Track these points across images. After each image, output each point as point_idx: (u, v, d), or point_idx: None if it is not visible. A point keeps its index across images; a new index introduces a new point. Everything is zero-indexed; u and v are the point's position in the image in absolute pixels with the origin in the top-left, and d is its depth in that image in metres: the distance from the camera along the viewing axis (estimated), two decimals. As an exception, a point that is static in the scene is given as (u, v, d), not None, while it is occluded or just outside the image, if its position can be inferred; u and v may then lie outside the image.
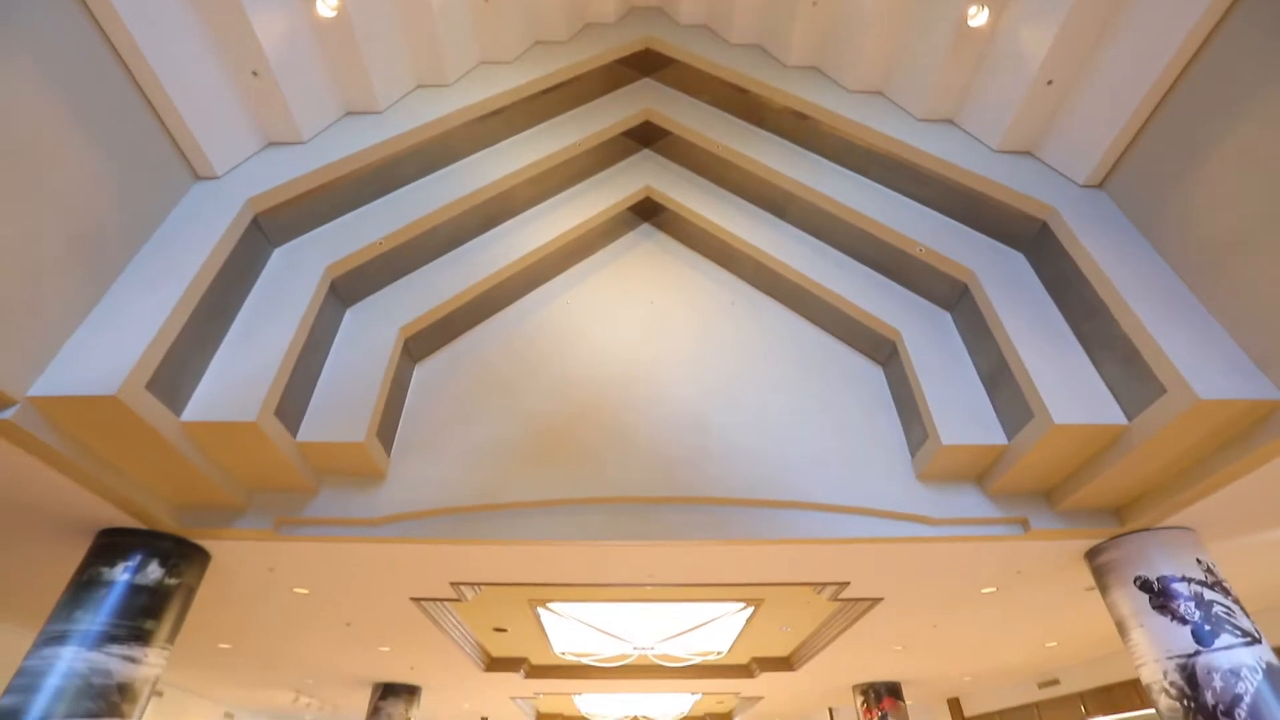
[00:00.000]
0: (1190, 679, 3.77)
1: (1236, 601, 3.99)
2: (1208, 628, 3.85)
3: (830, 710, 11.66)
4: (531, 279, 5.52)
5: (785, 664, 8.82)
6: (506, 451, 4.57)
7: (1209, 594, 3.99)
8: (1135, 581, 4.20)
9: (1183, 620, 3.92)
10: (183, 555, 4.32)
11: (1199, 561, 4.15)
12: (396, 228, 4.70)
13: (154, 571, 4.13)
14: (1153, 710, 5.10)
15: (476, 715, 12.41)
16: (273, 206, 4.28)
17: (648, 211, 6.10)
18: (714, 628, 7.42)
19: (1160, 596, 4.06)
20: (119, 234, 3.59)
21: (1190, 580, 4.06)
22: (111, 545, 4.16)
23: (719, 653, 8.43)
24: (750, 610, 6.79)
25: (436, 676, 8.85)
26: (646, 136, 6.00)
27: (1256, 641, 3.80)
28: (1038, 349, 4.02)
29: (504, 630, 7.66)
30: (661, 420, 4.78)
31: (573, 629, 7.51)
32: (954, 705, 10.98)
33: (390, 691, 9.01)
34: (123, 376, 3.14)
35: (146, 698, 3.94)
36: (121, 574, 4.04)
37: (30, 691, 3.54)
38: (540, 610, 6.85)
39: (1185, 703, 3.76)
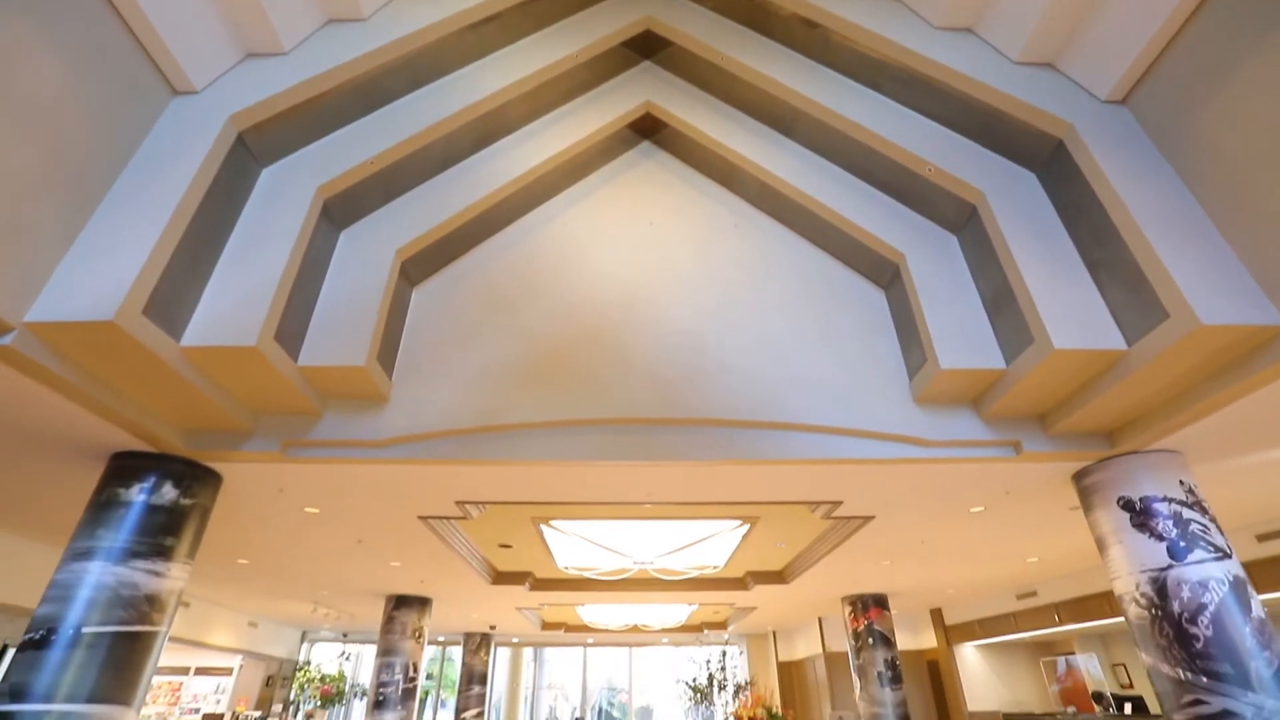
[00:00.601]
0: (1160, 590, 3.97)
1: (1213, 520, 4.13)
2: (1183, 544, 4.01)
3: (819, 620, 12.37)
4: (528, 199, 5.37)
5: (778, 577, 9.29)
6: (507, 373, 4.60)
7: (1187, 513, 4.13)
8: (1118, 502, 4.34)
9: (1160, 537, 4.08)
10: (195, 477, 4.44)
11: (1181, 483, 4.27)
12: (387, 146, 4.53)
13: (169, 492, 4.26)
14: (1121, 619, 5.41)
15: (485, 624, 13.20)
16: (257, 124, 4.09)
17: (648, 129, 5.85)
18: (711, 544, 7.75)
19: (1141, 515, 4.21)
20: (98, 155, 3.45)
21: (1171, 500, 4.19)
22: (125, 468, 4.27)
23: (715, 567, 8.85)
24: (746, 527, 7.07)
25: (446, 589, 9.34)
26: (647, 47, 5.66)
27: (1227, 556, 3.98)
28: (1043, 273, 3.97)
29: (509, 546, 8.00)
30: (661, 341, 4.79)
31: (575, 545, 7.84)
32: (936, 615, 11.65)
33: (403, 603, 9.53)
34: (118, 301, 3.12)
35: (174, 608, 4.16)
36: (138, 495, 4.17)
37: (64, 602, 3.75)
38: (543, 527, 7.13)
39: (1153, 611, 3.98)
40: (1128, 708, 9.08)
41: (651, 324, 4.87)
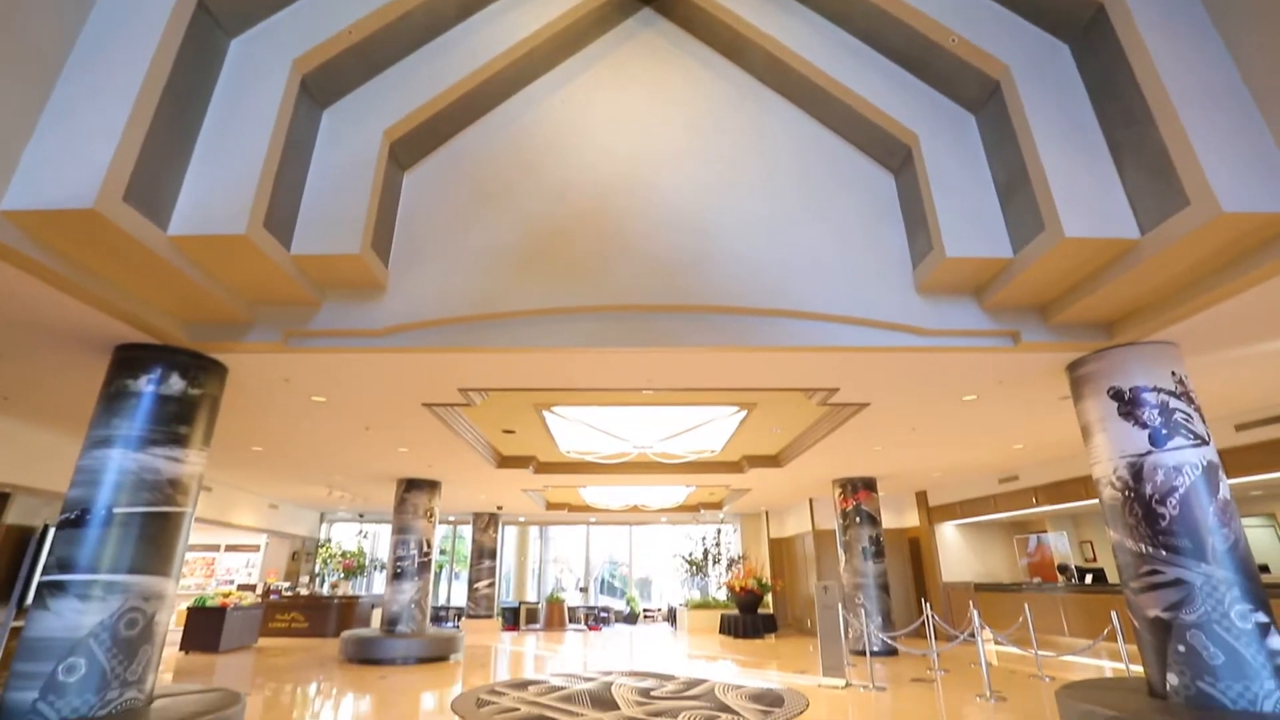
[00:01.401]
0: (1137, 474, 4.15)
1: (1198, 409, 4.23)
2: (1164, 432, 4.14)
3: (810, 500, 13.08)
4: (521, 75, 5.00)
5: (773, 461, 9.71)
6: (506, 259, 4.52)
7: (1174, 403, 4.22)
8: (1108, 391, 4.42)
9: (1143, 425, 4.20)
10: (200, 368, 4.50)
11: (1173, 374, 4.32)
12: (365, 13, 4.15)
13: (176, 383, 4.33)
14: (1095, 500, 5.73)
15: (492, 504, 13.98)
16: (218, -16, 3.72)
17: (648, -7, 5.33)
18: (709, 429, 8.02)
19: (1128, 405, 4.31)
20: (39, 22, 3.15)
21: (1160, 390, 4.26)
22: (131, 360, 4.31)
23: (713, 451, 9.23)
24: (743, 413, 7.28)
25: (453, 472, 9.79)
26: (647, -108, 5.04)
27: (1204, 443, 4.11)
28: (1062, 156, 3.78)
29: (512, 432, 8.29)
30: (661, 224, 4.66)
31: (576, 430, 8.12)
32: (921, 496, 12.31)
33: (413, 485, 10.04)
34: (96, 187, 2.99)
35: (196, 491, 4.37)
36: (146, 385, 4.25)
37: (92, 485, 3.95)
38: (545, 413, 7.34)
39: (1126, 494, 4.18)
40: (1089, 579, 9.85)
41: (653, 206, 4.71)
